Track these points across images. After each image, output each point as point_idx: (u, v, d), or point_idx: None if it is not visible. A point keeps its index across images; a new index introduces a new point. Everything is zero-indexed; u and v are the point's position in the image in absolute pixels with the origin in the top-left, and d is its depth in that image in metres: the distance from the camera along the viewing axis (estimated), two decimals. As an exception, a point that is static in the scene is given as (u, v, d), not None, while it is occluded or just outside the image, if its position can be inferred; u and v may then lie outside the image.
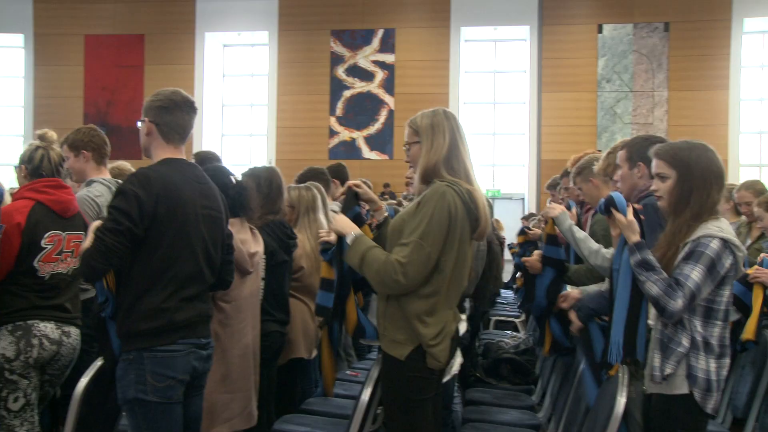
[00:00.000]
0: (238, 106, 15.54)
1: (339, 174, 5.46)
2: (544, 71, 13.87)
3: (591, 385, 3.08)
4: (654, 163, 2.65)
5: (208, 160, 4.52)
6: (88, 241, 2.42)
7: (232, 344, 3.17)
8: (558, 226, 3.36)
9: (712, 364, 2.45)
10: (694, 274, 2.39)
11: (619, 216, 2.60)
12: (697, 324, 2.45)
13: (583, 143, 12.36)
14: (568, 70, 13.76)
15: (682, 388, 2.46)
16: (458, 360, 2.74)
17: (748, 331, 3.45)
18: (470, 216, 2.55)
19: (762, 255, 3.98)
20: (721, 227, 2.49)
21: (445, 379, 2.67)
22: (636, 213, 2.61)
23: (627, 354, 2.59)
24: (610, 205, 2.63)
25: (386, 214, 2.96)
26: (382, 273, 2.46)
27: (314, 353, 4.24)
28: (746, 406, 3.71)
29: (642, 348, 2.58)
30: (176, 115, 2.62)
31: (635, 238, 2.54)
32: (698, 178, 2.55)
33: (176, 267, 2.50)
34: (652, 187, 2.67)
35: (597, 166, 3.66)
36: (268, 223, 3.62)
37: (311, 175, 4.94)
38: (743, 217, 5.00)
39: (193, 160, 3.76)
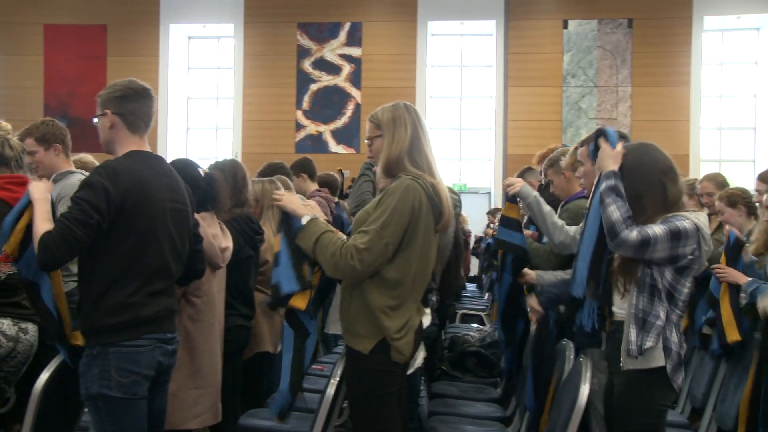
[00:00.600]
0: (204, 99, 15.38)
1: (306, 168, 5.45)
2: (510, 66, 13.95)
3: (530, 393, 3.12)
4: (585, 162, 2.71)
5: (277, 170, 4.59)
6: (46, 226, 2.37)
7: (202, 339, 3.16)
8: (523, 199, 3.37)
9: (678, 340, 2.52)
10: (657, 228, 2.46)
11: (605, 146, 2.62)
12: (665, 301, 2.51)
13: (548, 138, 12.46)
14: (534, 65, 13.87)
15: (659, 360, 2.51)
16: (421, 353, 2.75)
17: (732, 333, 3.44)
18: (434, 209, 2.56)
19: (727, 227, 4.07)
20: (699, 218, 2.55)
21: (409, 372, 2.68)
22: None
23: (591, 289, 2.64)
24: (600, 135, 2.66)
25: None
26: (337, 256, 2.45)
27: (280, 347, 4.23)
28: (704, 396, 3.78)
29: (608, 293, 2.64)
30: (139, 102, 2.59)
31: (615, 166, 2.58)
32: (643, 179, 2.58)
33: (143, 262, 2.47)
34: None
35: (564, 161, 3.70)
36: (235, 218, 3.61)
37: (272, 170, 4.93)
38: (705, 210, 5.09)
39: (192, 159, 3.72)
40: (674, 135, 13.24)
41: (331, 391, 2.85)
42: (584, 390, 2.59)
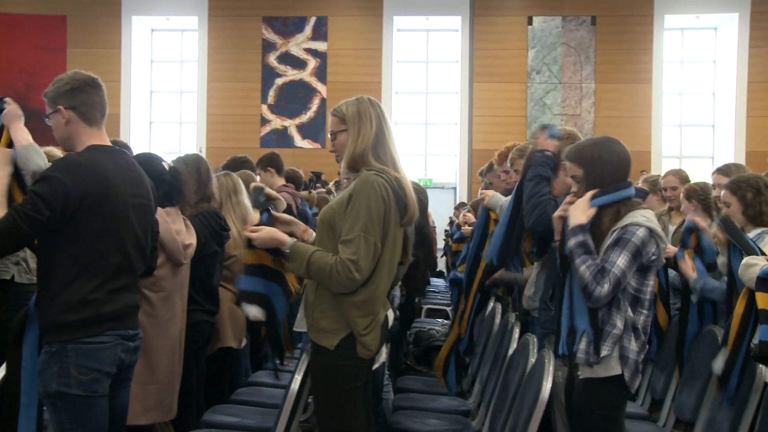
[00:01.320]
0: (167, 92, 15.19)
1: (274, 162, 5.42)
2: (475, 62, 14.02)
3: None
4: (567, 166, 2.73)
5: (241, 165, 4.53)
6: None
7: (155, 335, 3.11)
8: (493, 208, 3.42)
9: (637, 348, 2.54)
10: (620, 261, 2.47)
11: (580, 201, 2.64)
12: (628, 308, 2.53)
13: (513, 133, 12.55)
14: (499, 61, 13.95)
15: (615, 369, 2.54)
16: (384, 348, 2.76)
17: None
18: (399, 203, 2.56)
19: (688, 216, 4.15)
20: (648, 217, 2.57)
21: (374, 367, 2.69)
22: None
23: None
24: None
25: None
26: (335, 275, 2.43)
27: (244, 342, 4.21)
28: (663, 388, 3.84)
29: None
30: (89, 93, 2.53)
31: (583, 219, 2.59)
32: (609, 170, 2.61)
33: (104, 258, 2.43)
34: (573, 189, 2.74)
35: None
36: (203, 213, 3.58)
37: (236, 164, 4.90)
38: (667, 205, 5.17)
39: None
40: (636, 131, 13.43)
41: (295, 386, 2.83)
42: (547, 385, 2.61)
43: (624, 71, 13.81)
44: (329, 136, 2.75)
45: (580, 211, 2.60)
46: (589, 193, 2.62)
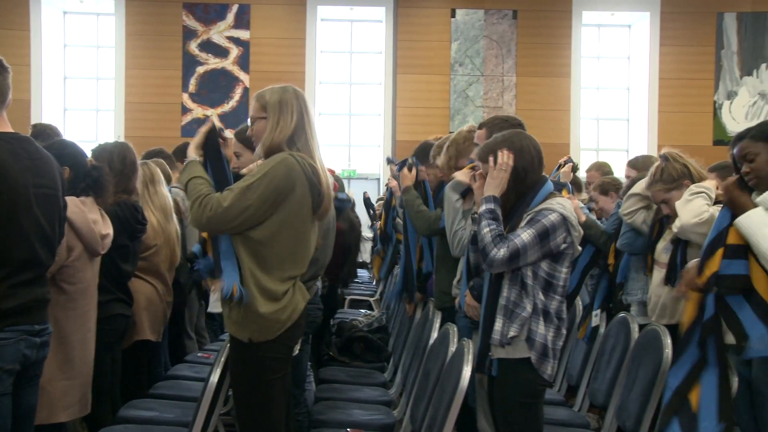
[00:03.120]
0: (83, 78, 14.66)
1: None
2: (399, 53, 14.07)
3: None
4: (481, 166, 2.78)
5: (45, 134, 4.27)
6: None
7: (74, 329, 3.02)
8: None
9: (550, 333, 2.59)
10: (524, 235, 2.54)
11: (494, 170, 2.68)
12: (539, 293, 2.58)
13: (436, 125, 12.67)
14: (423, 53, 14.03)
15: (523, 351, 2.60)
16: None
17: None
18: (313, 190, 2.54)
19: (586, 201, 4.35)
20: (564, 205, 2.63)
21: (294, 353, 2.68)
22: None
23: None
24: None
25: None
26: (198, 203, 2.45)
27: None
28: (579, 374, 3.96)
29: None
30: None
31: (497, 192, 2.65)
32: (522, 165, 2.67)
33: (6, 253, 2.32)
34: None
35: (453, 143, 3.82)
36: (120, 204, 3.48)
37: (150, 156, 4.82)
38: (584, 195, 5.32)
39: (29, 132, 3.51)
40: (556, 124, 13.76)
41: (214, 378, 2.80)
42: (466, 372, 2.66)
43: (544, 65, 14.11)
44: (249, 121, 2.72)
45: (494, 186, 2.65)
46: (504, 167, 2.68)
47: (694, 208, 3.15)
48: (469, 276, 3.17)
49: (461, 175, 3.39)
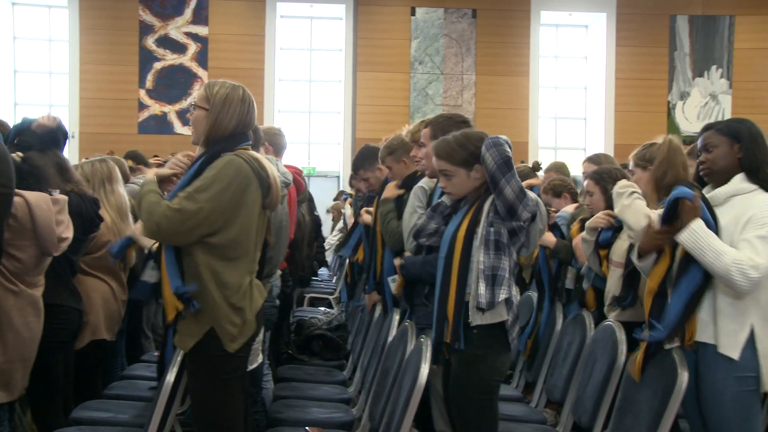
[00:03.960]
0: (35, 73, 14.33)
1: (138, 159, 5.32)
2: (359, 51, 14.05)
3: None
4: (434, 162, 2.81)
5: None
6: None
7: (20, 325, 2.96)
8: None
9: (516, 291, 2.67)
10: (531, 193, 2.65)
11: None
12: (514, 252, 2.65)
13: (396, 123, 12.61)
14: (383, 51, 14.04)
15: (503, 314, 2.62)
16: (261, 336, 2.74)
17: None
18: (262, 183, 2.53)
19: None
20: (540, 204, 2.74)
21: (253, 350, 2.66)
22: None
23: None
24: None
25: None
26: (147, 213, 2.42)
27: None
28: (536, 371, 4.00)
29: None
30: None
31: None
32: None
33: None
34: (440, 184, 2.85)
35: (405, 138, 3.82)
36: (81, 196, 3.41)
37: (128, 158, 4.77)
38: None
39: None
40: (515, 123, 13.89)
41: (170, 378, 2.75)
42: (424, 370, 2.66)
43: (503, 64, 14.23)
44: (191, 107, 2.70)
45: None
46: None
47: (638, 212, 3.01)
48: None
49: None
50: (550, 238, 4.04)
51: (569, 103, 15.15)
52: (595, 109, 14.75)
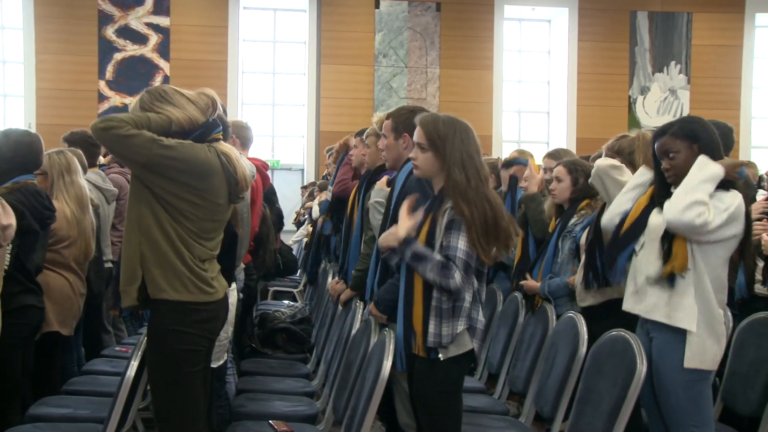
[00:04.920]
0: (-11, 62, 13.98)
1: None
2: (323, 43, 13.98)
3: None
4: (416, 131, 2.75)
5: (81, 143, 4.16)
6: None
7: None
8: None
9: (481, 315, 2.63)
10: (461, 243, 2.51)
11: (403, 218, 2.66)
12: (474, 279, 2.60)
13: (360, 116, 12.65)
14: (347, 44, 13.99)
15: (468, 344, 2.59)
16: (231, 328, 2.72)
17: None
18: (227, 174, 2.51)
19: None
20: None
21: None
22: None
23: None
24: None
25: None
26: (108, 118, 2.43)
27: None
28: (499, 362, 4.04)
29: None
30: None
31: (402, 234, 2.60)
32: (457, 154, 2.66)
33: None
34: (411, 155, 2.78)
35: (369, 131, 3.82)
36: (20, 190, 3.34)
37: (75, 137, 4.65)
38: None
39: None
40: (479, 116, 13.94)
41: (131, 372, 2.72)
42: (387, 363, 2.66)
43: (467, 57, 14.27)
44: None
45: (403, 231, 2.61)
46: (405, 206, 2.66)
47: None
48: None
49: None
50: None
51: (532, 97, 15.26)
52: (557, 103, 14.89)
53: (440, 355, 2.60)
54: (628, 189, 3.00)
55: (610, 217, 3.00)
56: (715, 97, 14.24)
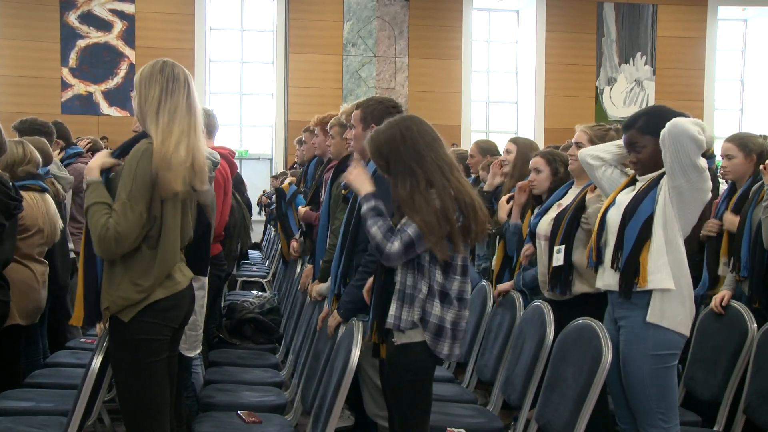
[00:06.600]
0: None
1: (61, 133, 5.11)
2: (291, 32, 13.89)
3: None
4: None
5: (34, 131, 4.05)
6: None
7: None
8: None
9: (449, 314, 2.61)
10: (411, 229, 2.54)
11: (356, 170, 2.70)
12: (437, 275, 2.59)
13: (329, 105, 12.57)
14: (315, 33, 13.91)
15: (419, 335, 2.61)
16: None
17: None
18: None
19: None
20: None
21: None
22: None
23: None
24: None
25: None
26: (101, 237, 2.37)
27: (38, 319, 3.92)
28: (467, 352, 4.05)
29: None
30: None
31: (370, 188, 2.65)
32: (402, 166, 2.64)
33: None
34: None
35: (334, 120, 3.81)
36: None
37: (29, 127, 4.55)
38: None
39: None
40: (447, 106, 13.99)
41: (96, 364, 2.68)
42: (355, 353, 2.66)
43: (435, 47, 14.29)
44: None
45: (364, 182, 2.67)
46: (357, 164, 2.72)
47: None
48: None
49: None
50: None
51: (501, 88, 15.34)
52: (525, 93, 14.98)
53: (394, 339, 2.63)
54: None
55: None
56: (679, 88, 14.44)
